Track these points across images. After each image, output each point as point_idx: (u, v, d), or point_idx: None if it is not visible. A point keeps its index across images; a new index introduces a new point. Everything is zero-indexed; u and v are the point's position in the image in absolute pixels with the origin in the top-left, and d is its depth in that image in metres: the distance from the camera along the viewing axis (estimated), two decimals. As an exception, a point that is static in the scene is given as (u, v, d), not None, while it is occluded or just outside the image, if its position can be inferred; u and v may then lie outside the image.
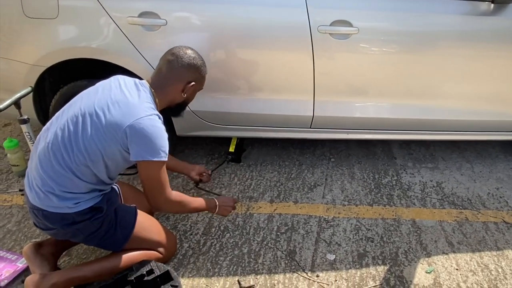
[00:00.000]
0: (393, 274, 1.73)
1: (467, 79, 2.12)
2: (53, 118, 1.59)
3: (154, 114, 1.53)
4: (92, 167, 1.48)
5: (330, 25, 1.97)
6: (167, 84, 1.65)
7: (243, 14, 2.03)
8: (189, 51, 1.69)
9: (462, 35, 2.04)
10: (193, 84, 1.70)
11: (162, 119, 1.57)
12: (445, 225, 2.00)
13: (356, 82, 2.14)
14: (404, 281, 1.70)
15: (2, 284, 1.70)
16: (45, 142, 1.51)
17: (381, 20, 2.04)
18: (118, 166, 1.57)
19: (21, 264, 1.79)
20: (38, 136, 1.60)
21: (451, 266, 1.77)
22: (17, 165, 2.37)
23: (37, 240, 1.73)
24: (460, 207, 2.12)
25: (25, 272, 1.74)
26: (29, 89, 2.09)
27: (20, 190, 2.26)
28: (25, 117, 2.10)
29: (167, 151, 1.53)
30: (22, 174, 2.39)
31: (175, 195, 1.64)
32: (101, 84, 1.60)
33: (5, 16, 2.09)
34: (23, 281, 1.65)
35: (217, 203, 1.83)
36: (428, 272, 1.74)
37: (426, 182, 2.32)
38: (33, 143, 2.13)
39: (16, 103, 2.01)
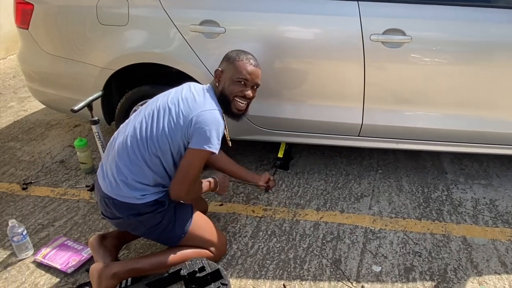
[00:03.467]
0: (441, 291, 1.67)
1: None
2: (131, 116, 1.74)
3: (217, 110, 1.64)
4: (161, 158, 1.61)
5: (383, 33, 1.95)
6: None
7: (297, 23, 2.07)
8: (237, 50, 1.78)
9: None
10: (222, 71, 1.74)
11: (222, 115, 1.68)
12: (498, 244, 1.89)
13: (407, 91, 2.09)
14: (453, 299, 1.63)
15: (69, 271, 1.83)
16: (124, 135, 1.65)
17: (435, 29, 1.99)
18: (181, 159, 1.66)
19: (86, 254, 1.91)
20: (115, 132, 1.74)
21: (504, 286, 1.67)
22: (85, 163, 2.54)
23: (102, 233, 1.84)
24: (515, 227, 2.00)
25: (89, 261, 1.86)
26: (100, 93, 2.25)
27: (87, 186, 2.42)
28: (96, 118, 2.25)
29: (219, 144, 1.62)
30: (89, 172, 2.55)
31: (195, 186, 1.75)
32: (175, 89, 1.75)
33: (82, 23, 2.27)
34: (87, 270, 1.77)
35: (218, 185, 1.92)
36: (479, 292, 1.66)
37: (478, 199, 2.21)
38: (102, 142, 2.29)
39: (89, 106, 2.17)
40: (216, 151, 1.61)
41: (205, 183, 1.88)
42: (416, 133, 2.19)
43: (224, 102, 1.72)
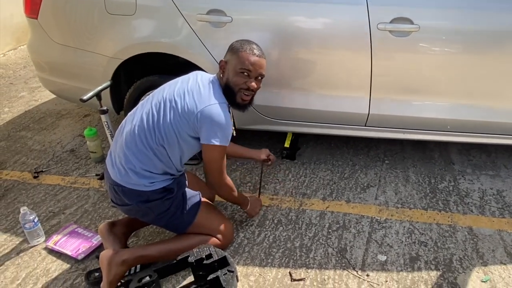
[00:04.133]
0: (446, 280, 1.66)
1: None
2: (139, 105, 1.75)
3: (223, 103, 1.64)
4: (168, 149, 1.63)
5: (390, 22, 1.92)
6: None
7: (304, 12, 2.05)
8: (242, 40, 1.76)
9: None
10: (226, 62, 1.72)
11: (230, 108, 1.68)
12: (504, 234, 1.88)
13: (414, 81, 2.06)
14: (458, 288, 1.63)
15: (79, 257, 1.86)
16: (131, 124, 1.66)
17: (443, 18, 1.95)
18: (190, 150, 1.69)
19: (96, 241, 1.93)
20: (123, 121, 1.75)
21: (509, 277, 1.67)
22: (95, 152, 2.56)
23: (111, 220, 1.87)
24: (522, 218, 1.99)
25: (99, 248, 1.89)
26: (108, 82, 2.26)
27: (97, 175, 2.44)
28: (105, 108, 2.27)
29: (230, 138, 1.64)
30: (98, 161, 2.58)
31: (229, 181, 1.77)
32: (181, 78, 1.75)
33: (90, 13, 2.28)
34: (97, 256, 1.79)
35: (249, 204, 1.94)
36: (484, 281, 1.65)
37: (485, 190, 2.19)
38: (111, 131, 2.30)
39: (98, 95, 2.18)
40: (226, 144, 1.62)
41: (241, 196, 1.90)
42: (423, 123, 2.16)
43: (229, 93, 1.70)
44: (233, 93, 1.70)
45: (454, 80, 2.03)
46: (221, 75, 1.74)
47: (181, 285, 1.68)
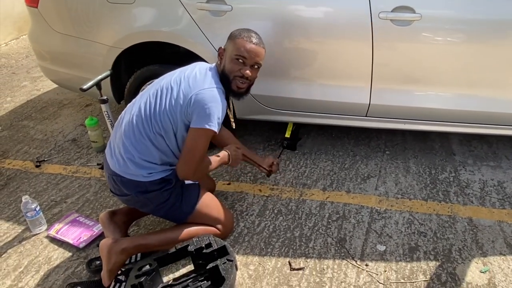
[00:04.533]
0: (445, 271, 1.66)
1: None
2: (138, 96, 1.74)
3: (218, 88, 1.62)
4: (165, 136, 1.62)
5: (392, 11, 1.89)
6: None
7: (305, 1, 2.02)
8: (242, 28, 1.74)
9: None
10: (224, 49, 1.73)
11: (225, 94, 1.66)
12: (504, 226, 1.87)
13: (415, 70, 2.04)
14: (456, 278, 1.62)
15: (81, 246, 1.87)
16: (130, 115, 1.66)
17: (446, 7, 1.91)
18: (184, 139, 1.65)
19: (97, 229, 1.94)
20: (123, 111, 1.74)
21: (509, 267, 1.66)
22: (96, 142, 2.56)
23: (112, 209, 1.87)
24: (523, 209, 1.98)
25: (100, 237, 1.89)
26: (108, 72, 2.25)
27: (98, 164, 2.45)
28: (105, 97, 2.25)
29: (220, 123, 1.61)
30: (100, 150, 2.58)
31: (205, 162, 1.71)
32: (180, 68, 1.74)
33: (90, 2, 2.25)
34: (98, 245, 1.80)
35: (230, 156, 1.84)
36: (483, 272, 1.65)
37: (486, 181, 2.17)
38: (111, 121, 2.30)
39: (98, 85, 2.17)
40: (217, 130, 1.59)
41: (214, 159, 1.79)
42: (425, 114, 2.14)
43: (225, 80, 1.68)
44: (229, 80, 1.69)
45: (456, 70, 2.00)
46: (219, 63, 1.73)
47: (180, 273, 1.69)
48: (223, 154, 1.84)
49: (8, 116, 3.16)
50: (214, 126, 1.57)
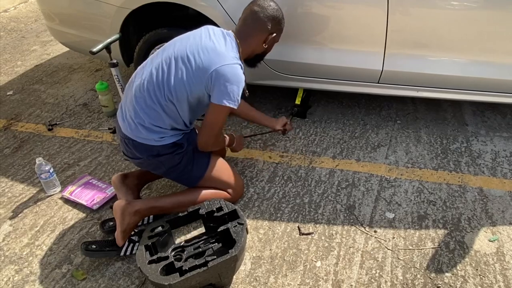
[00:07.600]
0: (454, 239, 1.65)
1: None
2: (148, 59, 1.67)
3: (237, 64, 1.56)
4: (177, 105, 1.57)
5: None
6: (251, 35, 1.67)
7: None
8: (272, 3, 1.68)
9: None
10: (274, 36, 1.71)
11: (243, 69, 1.60)
12: (514, 196, 1.84)
13: (431, 36, 1.94)
14: (465, 247, 1.61)
15: (94, 207, 1.88)
16: (141, 79, 1.60)
17: None
18: (199, 108, 1.62)
19: (109, 192, 1.95)
20: (133, 74, 1.68)
21: (517, 237, 1.64)
22: (107, 106, 2.53)
23: (124, 172, 1.86)
24: (534, 180, 1.93)
25: (113, 199, 1.90)
26: (117, 35, 2.18)
27: (109, 129, 2.42)
28: (115, 61, 2.19)
29: (239, 99, 1.56)
30: (110, 115, 2.55)
31: (221, 139, 1.81)
32: (192, 33, 1.65)
33: None
34: (111, 207, 1.81)
35: (235, 141, 1.98)
36: (492, 241, 1.63)
37: (498, 151, 2.12)
38: (121, 85, 2.25)
39: (107, 48, 2.10)
40: (236, 107, 1.55)
41: (229, 141, 1.92)
42: (438, 81, 2.06)
43: (257, 58, 1.78)
44: (261, 60, 1.80)
45: (472, 36, 1.90)
46: (264, 44, 1.71)
47: (192, 235, 1.69)
48: (228, 137, 1.93)
49: (20, 80, 3.12)
50: (234, 103, 1.54)
